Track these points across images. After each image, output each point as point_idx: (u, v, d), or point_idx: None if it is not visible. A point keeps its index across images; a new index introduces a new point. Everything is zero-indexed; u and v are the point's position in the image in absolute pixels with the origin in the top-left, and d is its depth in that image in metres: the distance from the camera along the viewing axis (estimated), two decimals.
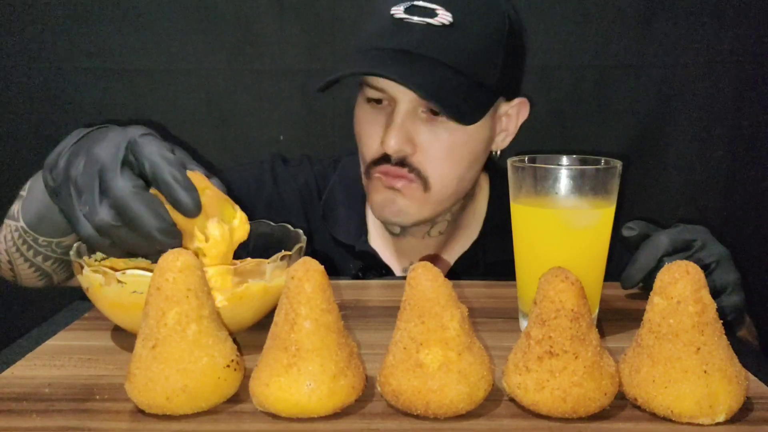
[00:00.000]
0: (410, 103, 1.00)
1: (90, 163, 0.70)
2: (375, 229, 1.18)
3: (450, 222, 1.14)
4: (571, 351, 0.58)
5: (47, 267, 0.90)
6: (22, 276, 0.92)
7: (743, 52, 1.37)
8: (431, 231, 1.13)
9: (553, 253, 0.77)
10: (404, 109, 1.00)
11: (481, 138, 1.05)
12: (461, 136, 1.02)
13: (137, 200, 0.68)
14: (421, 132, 1.01)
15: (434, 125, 1.01)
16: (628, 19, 1.38)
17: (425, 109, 1.00)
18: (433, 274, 0.59)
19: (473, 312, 0.67)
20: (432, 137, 1.01)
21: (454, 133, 1.01)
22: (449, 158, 1.02)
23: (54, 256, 0.89)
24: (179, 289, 0.59)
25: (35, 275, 0.92)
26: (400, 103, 1.00)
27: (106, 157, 0.70)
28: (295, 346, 0.58)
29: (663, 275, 0.60)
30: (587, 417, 0.59)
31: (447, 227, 1.14)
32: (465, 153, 1.03)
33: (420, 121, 1.01)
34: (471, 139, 1.03)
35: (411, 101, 1.00)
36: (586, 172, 0.76)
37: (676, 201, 1.45)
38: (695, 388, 0.58)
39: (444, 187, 1.03)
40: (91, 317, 0.84)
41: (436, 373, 0.58)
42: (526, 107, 1.12)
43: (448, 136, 1.01)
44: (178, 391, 0.58)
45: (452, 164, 1.03)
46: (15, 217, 0.87)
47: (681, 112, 1.41)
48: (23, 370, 0.69)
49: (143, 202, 0.68)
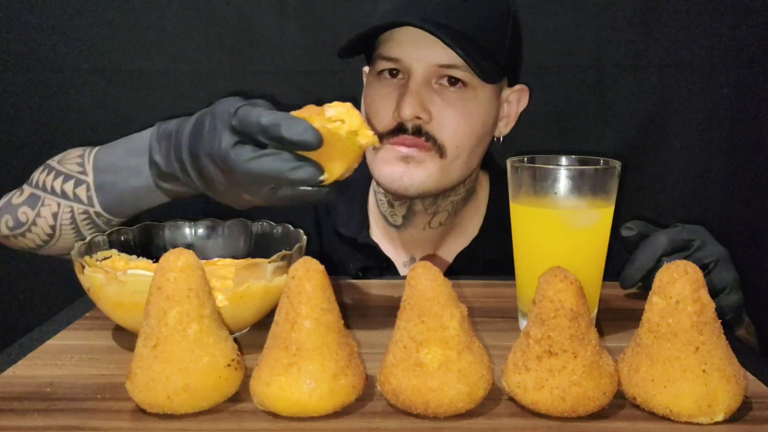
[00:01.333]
0: (425, 72, 1.02)
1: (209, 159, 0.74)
2: (376, 222, 1.19)
3: (450, 214, 1.15)
4: (570, 350, 0.58)
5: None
6: (58, 244, 0.92)
7: (743, 52, 1.38)
8: (432, 221, 1.14)
9: (552, 253, 0.77)
10: (419, 78, 1.02)
11: (490, 112, 1.08)
12: (474, 106, 1.05)
13: (262, 161, 0.71)
14: (435, 101, 1.03)
15: (448, 95, 1.04)
16: (627, 19, 1.38)
17: (438, 78, 1.03)
18: (433, 273, 0.59)
19: (473, 311, 0.68)
20: (446, 105, 1.03)
21: (467, 102, 1.04)
22: (464, 125, 1.05)
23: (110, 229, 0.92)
24: (180, 288, 0.59)
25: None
26: (414, 71, 1.02)
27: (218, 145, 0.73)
28: (295, 346, 0.59)
29: (662, 275, 0.60)
30: (586, 416, 0.60)
31: (447, 219, 1.15)
32: (477, 123, 1.06)
33: (433, 91, 1.04)
34: (482, 109, 1.06)
35: (426, 70, 1.02)
36: (585, 173, 0.77)
37: (675, 201, 1.45)
38: (694, 387, 0.58)
39: (457, 156, 1.05)
40: (93, 317, 0.84)
41: (435, 372, 0.59)
42: (526, 94, 1.15)
43: (462, 104, 1.04)
44: (179, 390, 0.59)
45: (466, 131, 1.05)
46: (83, 201, 0.88)
47: (680, 112, 1.41)
48: (24, 370, 0.69)
49: (269, 160, 0.71)
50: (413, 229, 1.15)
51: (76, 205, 0.89)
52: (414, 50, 1.02)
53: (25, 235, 0.92)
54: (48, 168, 0.93)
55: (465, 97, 1.04)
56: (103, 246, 0.84)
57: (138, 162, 0.85)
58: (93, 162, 0.89)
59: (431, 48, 1.00)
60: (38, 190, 0.91)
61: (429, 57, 1.01)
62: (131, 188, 0.86)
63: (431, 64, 1.02)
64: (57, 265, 1.00)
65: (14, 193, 0.94)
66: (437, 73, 1.03)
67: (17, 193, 0.94)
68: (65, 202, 0.89)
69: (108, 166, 0.88)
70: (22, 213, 0.91)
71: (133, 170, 0.85)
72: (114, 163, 0.88)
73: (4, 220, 0.93)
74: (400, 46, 1.02)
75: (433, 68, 1.02)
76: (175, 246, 0.79)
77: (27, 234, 0.92)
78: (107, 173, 0.88)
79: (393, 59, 1.03)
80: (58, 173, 0.90)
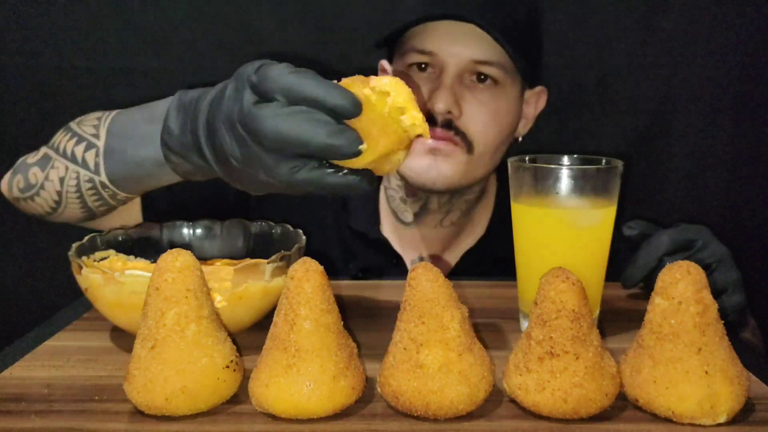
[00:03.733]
0: (458, 67, 1.03)
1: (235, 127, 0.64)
2: (387, 218, 1.19)
3: (464, 212, 1.15)
4: (572, 351, 0.58)
5: (100, 210, 0.89)
6: (65, 213, 0.88)
7: (743, 52, 1.37)
8: (444, 220, 1.14)
9: (554, 254, 0.76)
10: (453, 73, 1.03)
11: (516, 111, 1.10)
12: (503, 104, 1.06)
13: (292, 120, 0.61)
14: (466, 97, 1.04)
15: (479, 91, 1.04)
16: (628, 19, 1.38)
17: (471, 74, 1.04)
18: (434, 274, 0.59)
19: (474, 312, 0.67)
20: (477, 102, 1.04)
21: (497, 99, 1.05)
22: (493, 123, 1.05)
23: (117, 205, 0.88)
24: (178, 289, 0.59)
25: (82, 214, 0.89)
26: (448, 66, 1.03)
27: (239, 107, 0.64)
28: (294, 347, 0.58)
29: (664, 275, 0.59)
30: (588, 418, 0.59)
31: (459, 217, 1.15)
32: (505, 121, 1.07)
33: (465, 87, 1.04)
34: (510, 107, 1.08)
35: (459, 65, 1.03)
36: (587, 172, 0.76)
37: (677, 200, 1.44)
38: (696, 388, 0.58)
39: (485, 152, 1.06)
40: (90, 317, 0.84)
41: (436, 373, 0.58)
42: (545, 96, 1.16)
43: (493, 101, 1.05)
44: (177, 391, 0.58)
45: (495, 129, 1.06)
46: (90, 167, 0.83)
47: (681, 111, 1.41)
48: (22, 371, 0.69)
49: (300, 119, 0.61)
50: (424, 227, 1.15)
51: (82, 171, 0.83)
52: (449, 45, 1.02)
53: (34, 199, 0.88)
54: (66, 129, 0.88)
55: (495, 95, 1.05)
56: (100, 246, 0.83)
57: (151, 130, 0.77)
58: (108, 125, 0.83)
59: (467, 43, 1.00)
60: (51, 150, 0.87)
61: (465, 52, 1.02)
62: (139, 158, 0.79)
63: (466, 59, 1.02)
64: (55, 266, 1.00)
65: (32, 153, 0.91)
66: (471, 68, 1.03)
67: (31, 153, 0.90)
68: (72, 166, 0.84)
69: (121, 131, 0.82)
70: (33, 174, 0.87)
71: (145, 138, 0.78)
72: (128, 128, 0.82)
73: (16, 181, 0.89)
74: (434, 39, 1.02)
75: (467, 63, 1.02)
76: (173, 246, 0.79)
77: (35, 198, 0.87)
78: (118, 138, 0.82)
79: (427, 52, 1.03)
80: (73, 134, 0.85)
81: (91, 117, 0.88)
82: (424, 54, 1.03)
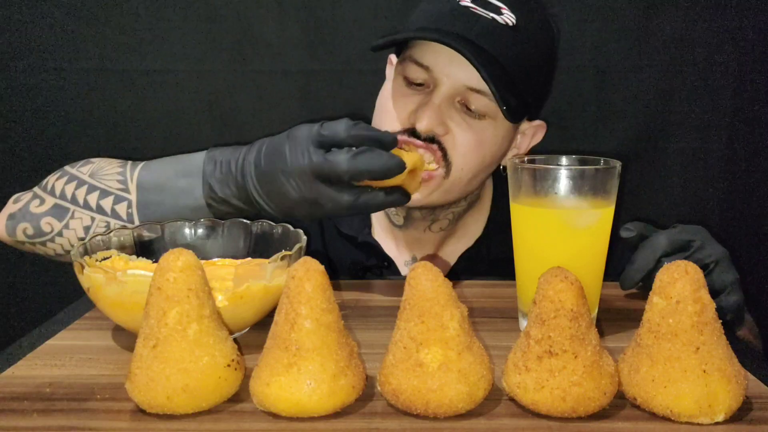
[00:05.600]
0: (451, 88, 1.01)
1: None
2: (378, 221, 1.19)
3: (452, 221, 1.14)
4: (571, 350, 0.58)
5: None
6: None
7: (743, 52, 1.38)
8: (432, 226, 1.14)
9: (552, 253, 0.77)
10: (444, 93, 1.01)
11: (504, 143, 1.07)
12: (490, 135, 1.04)
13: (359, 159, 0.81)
14: (454, 119, 1.02)
15: (467, 116, 1.02)
16: (627, 19, 1.38)
17: (462, 99, 1.02)
18: (433, 273, 0.59)
19: (473, 312, 0.67)
20: (465, 127, 1.02)
21: (484, 129, 1.03)
22: (476, 151, 1.03)
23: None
24: (180, 288, 0.59)
25: None
26: (441, 86, 1.01)
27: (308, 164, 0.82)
28: (295, 346, 0.59)
29: (662, 275, 0.60)
30: (586, 416, 0.60)
31: (448, 225, 1.14)
32: (488, 152, 1.05)
33: (454, 110, 1.02)
34: (497, 139, 1.05)
35: (452, 87, 1.01)
36: (585, 173, 0.77)
37: (675, 201, 1.44)
38: (694, 387, 0.58)
39: (460, 179, 1.04)
40: (92, 317, 0.84)
41: (435, 372, 0.58)
42: (543, 131, 1.14)
43: (479, 130, 1.03)
44: (178, 390, 0.59)
45: (476, 158, 1.04)
46: (121, 217, 0.92)
47: (680, 112, 1.41)
48: (24, 370, 0.69)
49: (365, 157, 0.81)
50: (414, 230, 1.15)
51: (113, 221, 0.92)
52: (446, 65, 1.00)
53: (46, 245, 0.94)
54: (71, 177, 0.94)
55: (483, 124, 1.03)
56: (102, 246, 0.83)
57: (190, 183, 0.91)
58: (137, 181, 0.93)
59: (464, 68, 0.97)
60: (66, 202, 0.93)
61: (459, 75, 1.00)
62: (179, 207, 0.91)
63: (460, 83, 1.00)
64: (57, 266, 1.00)
65: (28, 199, 0.95)
66: (462, 94, 1.01)
67: (34, 201, 0.94)
68: (101, 216, 0.92)
69: (155, 186, 0.93)
70: (46, 223, 0.93)
71: (184, 191, 0.91)
72: (162, 183, 0.93)
73: (22, 228, 0.94)
74: (433, 55, 1.01)
75: (460, 87, 1.00)
76: (174, 246, 0.79)
77: (48, 243, 0.94)
78: (153, 192, 0.92)
79: (424, 66, 1.02)
80: (92, 187, 0.93)
81: (107, 170, 0.95)
82: (421, 67, 1.02)
